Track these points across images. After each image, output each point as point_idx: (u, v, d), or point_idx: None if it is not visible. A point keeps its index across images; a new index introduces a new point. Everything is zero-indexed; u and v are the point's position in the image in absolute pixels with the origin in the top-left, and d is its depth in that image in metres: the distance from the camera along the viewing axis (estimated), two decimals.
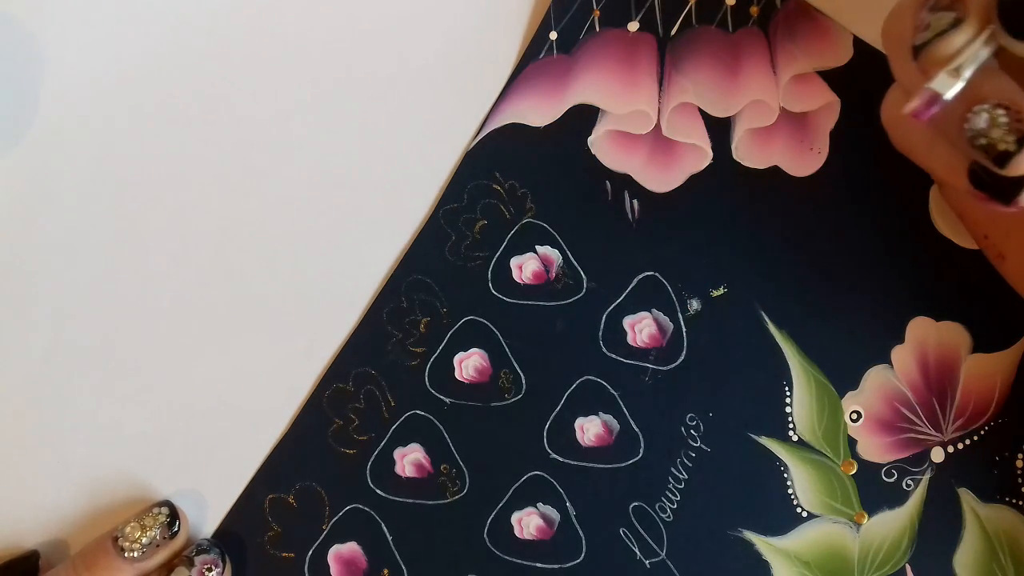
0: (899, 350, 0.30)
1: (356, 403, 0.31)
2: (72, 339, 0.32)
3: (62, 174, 0.33)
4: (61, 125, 0.33)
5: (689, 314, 0.31)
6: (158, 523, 0.28)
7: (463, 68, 0.33)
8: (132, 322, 0.32)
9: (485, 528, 0.30)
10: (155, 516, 0.29)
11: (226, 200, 0.33)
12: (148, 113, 0.33)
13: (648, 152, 0.31)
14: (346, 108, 0.33)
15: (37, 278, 0.32)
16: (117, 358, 0.32)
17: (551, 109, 0.32)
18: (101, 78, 0.33)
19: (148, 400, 0.31)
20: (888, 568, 0.29)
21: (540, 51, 0.32)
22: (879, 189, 0.30)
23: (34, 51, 0.33)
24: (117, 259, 0.32)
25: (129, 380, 0.32)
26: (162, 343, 0.32)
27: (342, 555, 0.30)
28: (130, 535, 0.28)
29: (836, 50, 0.31)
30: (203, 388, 0.31)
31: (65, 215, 0.33)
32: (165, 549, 0.28)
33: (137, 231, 0.32)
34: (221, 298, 0.32)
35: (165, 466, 0.31)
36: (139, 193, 0.33)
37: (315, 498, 0.30)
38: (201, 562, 0.29)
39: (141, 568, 0.28)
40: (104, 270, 0.32)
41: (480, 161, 0.32)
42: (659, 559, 0.29)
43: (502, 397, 0.31)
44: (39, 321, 0.32)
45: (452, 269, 0.31)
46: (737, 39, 0.32)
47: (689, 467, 0.30)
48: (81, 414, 0.31)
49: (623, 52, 0.32)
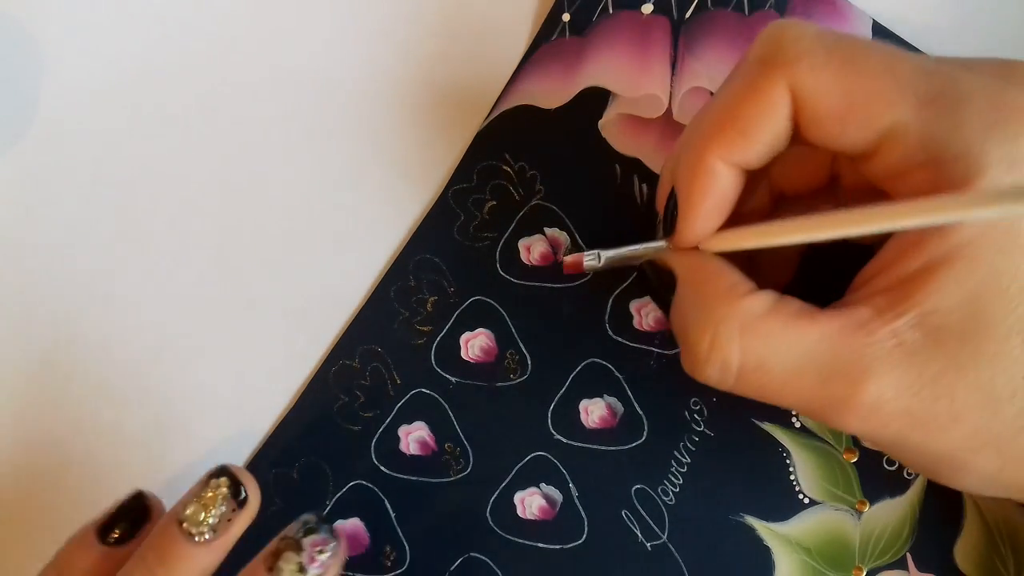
0: None
1: (362, 380, 0.31)
2: (72, 339, 0.32)
3: (62, 174, 0.33)
4: (61, 125, 0.33)
5: None
6: (220, 496, 0.25)
7: (475, 49, 0.33)
8: (132, 322, 0.32)
9: (488, 507, 0.30)
10: (214, 489, 0.25)
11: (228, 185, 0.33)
12: (148, 113, 0.33)
13: (659, 136, 0.31)
14: (357, 90, 0.33)
15: (37, 278, 0.32)
16: (117, 358, 0.32)
17: (562, 91, 0.32)
18: (101, 78, 0.33)
19: (148, 400, 0.31)
20: (889, 556, 0.29)
21: (552, 33, 0.32)
22: None
23: (34, 51, 0.33)
24: (117, 259, 0.32)
25: (129, 380, 0.32)
26: (162, 343, 0.32)
27: (345, 531, 0.30)
28: (193, 518, 0.25)
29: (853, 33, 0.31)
30: (203, 387, 0.31)
31: (65, 215, 0.32)
32: (241, 519, 0.25)
33: (137, 231, 0.32)
34: (222, 296, 0.32)
35: (165, 466, 0.31)
36: (139, 193, 0.33)
37: (319, 474, 0.30)
38: (311, 544, 0.25)
39: (222, 546, 0.25)
40: (104, 270, 0.32)
41: (490, 142, 0.32)
42: (660, 542, 0.29)
43: (507, 377, 0.31)
44: (39, 321, 0.32)
45: (460, 249, 0.31)
46: (754, 22, 0.31)
47: (692, 451, 0.30)
48: (81, 414, 0.31)
49: (636, 35, 0.32)
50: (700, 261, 0.23)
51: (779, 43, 0.20)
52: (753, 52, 0.21)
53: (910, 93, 0.19)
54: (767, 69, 0.20)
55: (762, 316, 0.21)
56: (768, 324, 0.21)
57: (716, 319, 0.21)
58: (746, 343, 0.21)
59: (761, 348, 0.21)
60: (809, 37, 0.20)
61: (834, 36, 0.20)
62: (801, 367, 0.21)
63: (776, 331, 0.21)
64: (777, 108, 0.20)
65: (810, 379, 0.21)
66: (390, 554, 0.30)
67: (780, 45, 0.20)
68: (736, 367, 0.21)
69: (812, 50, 0.20)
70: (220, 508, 0.25)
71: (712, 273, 0.23)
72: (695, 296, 0.22)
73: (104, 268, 0.32)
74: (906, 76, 0.20)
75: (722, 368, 0.21)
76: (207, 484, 0.25)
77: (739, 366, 0.21)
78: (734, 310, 0.21)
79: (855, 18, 0.31)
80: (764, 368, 0.21)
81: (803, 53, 0.20)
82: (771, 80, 0.20)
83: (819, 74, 0.20)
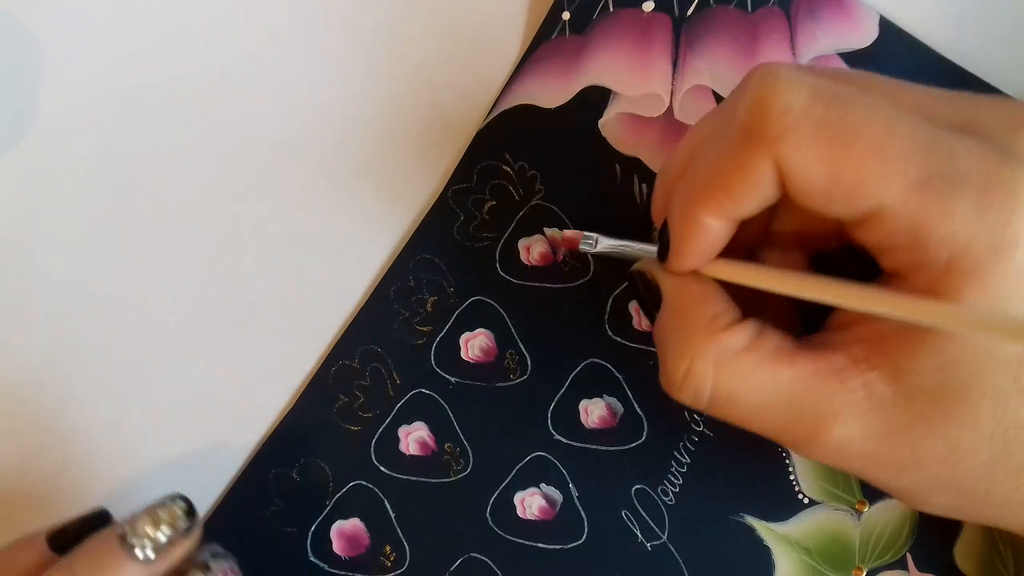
0: None
1: (362, 380, 0.31)
2: (72, 339, 0.32)
3: (62, 174, 0.33)
4: (61, 125, 0.33)
5: None
6: (175, 517, 0.24)
7: (475, 49, 0.33)
8: (132, 322, 0.32)
9: (488, 507, 0.30)
10: (170, 509, 0.24)
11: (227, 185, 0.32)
12: (148, 113, 0.33)
13: (659, 135, 0.31)
14: (356, 90, 0.33)
15: (37, 278, 0.32)
16: (117, 358, 0.32)
17: (562, 90, 0.32)
18: (101, 78, 0.33)
19: (148, 400, 0.31)
20: (889, 557, 0.29)
21: (552, 32, 0.32)
22: None
23: (34, 51, 0.33)
24: (117, 259, 0.32)
25: (129, 380, 0.32)
26: (162, 343, 0.32)
27: (345, 531, 0.30)
28: (142, 531, 0.24)
29: (860, 30, 0.31)
30: (203, 387, 0.31)
31: (65, 215, 0.32)
32: (180, 548, 0.24)
33: (137, 231, 0.32)
34: (222, 295, 0.32)
35: (165, 466, 0.31)
36: (139, 193, 0.32)
37: (319, 474, 0.31)
38: (220, 569, 0.25)
39: (152, 571, 0.24)
40: (104, 270, 0.32)
41: (490, 142, 0.32)
42: (660, 542, 0.30)
43: (507, 377, 0.31)
44: (39, 321, 0.32)
45: (460, 249, 0.31)
46: (756, 19, 0.31)
47: (692, 451, 0.30)
48: (81, 414, 0.31)
49: (637, 33, 0.31)
50: (686, 284, 0.23)
51: (765, 115, 0.20)
52: (739, 116, 0.20)
53: (900, 176, 0.19)
54: (752, 143, 0.20)
55: (738, 353, 0.22)
56: (743, 361, 0.21)
57: (693, 350, 0.22)
58: (719, 377, 0.22)
59: (734, 383, 0.22)
60: (797, 110, 0.19)
61: (825, 104, 0.19)
62: (772, 404, 0.21)
63: (750, 369, 0.21)
64: (763, 179, 0.20)
65: (779, 415, 0.21)
66: (390, 554, 0.30)
67: (766, 117, 0.20)
68: (707, 397, 0.22)
69: (798, 125, 0.19)
70: (170, 528, 0.24)
71: (696, 300, 0.23)
72: (677, 321, 0.23)
73: (104, 268, 0.32)
74: (898, 155, 0.19)
75: (695, 395, 0.22)
76: (163, 504, 0.25)
77: (710, 396, 0.22)
78: (711, 344, 0.22)
79: (862, 13, 0.31)
80: (734, 401, 0.22)
81: (788, 129, 0.19)
82: (756, 155, 0.20)
83: (805, 152, 0.19)
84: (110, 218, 0.32)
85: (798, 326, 0.25)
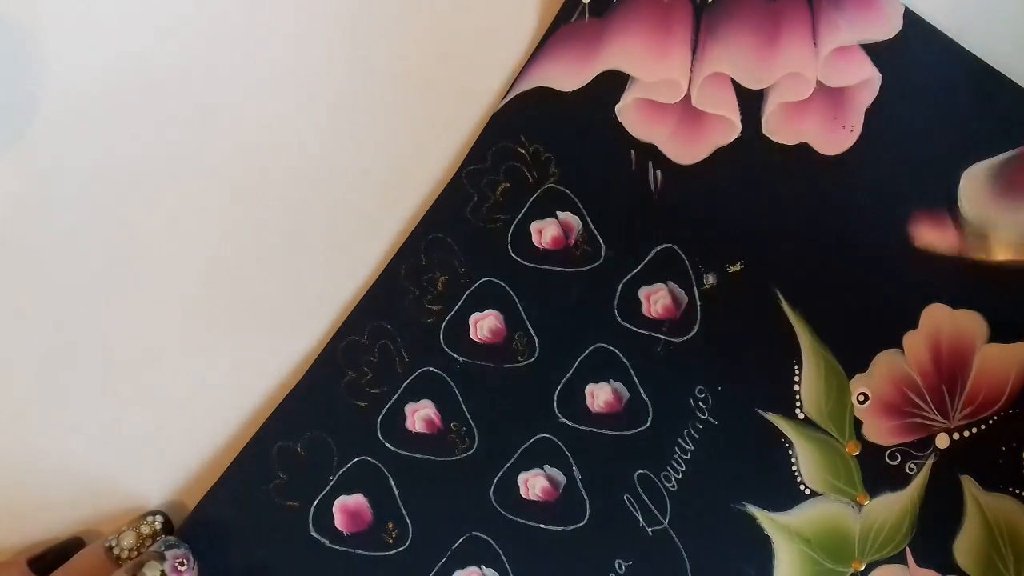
0: (911, 335, 0.30)
1: (370, 356, 0.31)
2: (72, 339, 0.32)
3: (62, 174, 0.32)
4: (61, 125, 0.32)
5: (704, 288, 0.31)
6: (155, 532, 0.28)
7: (493, 30, 0.32)
8: (132, 322, 0.32)
9: (491, 487, 0.30)
10: (151, 524, 0.28)
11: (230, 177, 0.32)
12: (148, 113, 0.32)
13: (676, 122, 0.31)
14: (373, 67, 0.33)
15: (37, 278, 0.32)
16: (117, 358, 0.32)
17: (580, 74, 0.31)
18: (101, 78, 0.32)
19: (148, 400, 0.31)
20: (888, 550, 0.29)
21: (572, 14, 0.32)
22: (906, 172, 0.30)
23: (34, 51, 0.33)
24: (117, 259, 0.32)
25: (129, 380, 0.32)
26: (162, 343, 0.32)
27: (348, 506, 0.30)
28: (126, 545, 0.28)
29: (884, 22, 0.30)
30: (203, 388, 0.31)
31: (65, 215, 0.32)
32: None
33: (137, 231, 0.32)
34: (222, 294, 0.32)
35: (165, 466, 0.31)
36: (139, 193, 0.32)
37: (324, 448, 0.31)
38: (173, 557, 0.27)
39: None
40: (104, 270, 0.32)
41: (506, 124, 0.32)
42: (661, 527, 0.30)
43: (515, 359, 0.31)
44: (39, 321, 0.32)
45: (472, 230, 0.31)
46: (779, 7, 0.31)
47: (696, 439, 0.30)
48: (81, 414, 0.31)
49: (657, 18, 0.31)
50: None
51: None
52: None
53: None
54: None
55: None
56: None
57: None
58: None
59: None
60: None
61: None
62: None
63: None
64: None
65: None
66: (393, 531, 0.30)
67: None
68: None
69: None
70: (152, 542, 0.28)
71: None
72: None
73: (104, 268, 0.32)
74: None
75: None
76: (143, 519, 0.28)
77: None
78: None
79: (886, 5, 0.30)
80: None
81: None
82: None
83: None
84: (110, 218, 0.32)
85: None
